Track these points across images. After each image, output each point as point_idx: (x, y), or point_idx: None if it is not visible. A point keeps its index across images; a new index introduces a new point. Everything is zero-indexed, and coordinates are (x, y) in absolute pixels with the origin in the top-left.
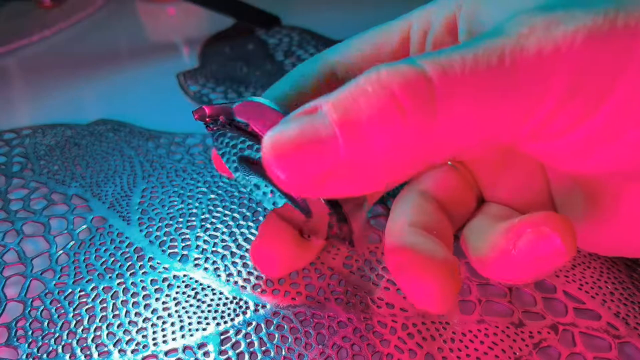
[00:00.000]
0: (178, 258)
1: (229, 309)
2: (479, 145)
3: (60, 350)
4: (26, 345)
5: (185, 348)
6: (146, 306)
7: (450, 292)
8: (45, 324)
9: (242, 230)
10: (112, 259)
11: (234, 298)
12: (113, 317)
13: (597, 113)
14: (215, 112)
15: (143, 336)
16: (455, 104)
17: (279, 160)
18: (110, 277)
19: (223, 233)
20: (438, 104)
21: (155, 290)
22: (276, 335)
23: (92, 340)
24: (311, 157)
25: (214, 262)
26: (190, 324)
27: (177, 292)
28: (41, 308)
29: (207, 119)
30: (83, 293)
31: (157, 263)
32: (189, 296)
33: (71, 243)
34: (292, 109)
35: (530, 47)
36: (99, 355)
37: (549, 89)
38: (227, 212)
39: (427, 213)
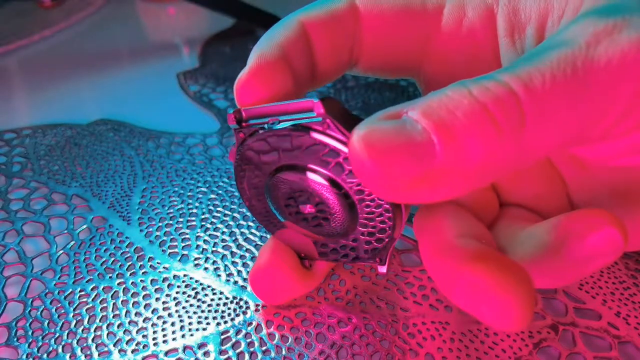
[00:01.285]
0: (178, 258)
1: (229, 308)
2: (559, 149)
3: (60, 350)
4: (26, 345)
5: (185, 348)
6: (146, 306)
7: (532, 306)
8: (46, 323)
9: (242, 230)
10: (112, 258)
11: (234, 298)
12: (113, 317)
13: None
14: (260, 112)
15: (143, 336)
16: (538, 114)
17: (374, 159)
18: (110, 277)
19: (223, 233)
20: (526, 117)
21: (156, 290)
22: (276, 335)
23: (93, 340)
24: (407, 158)
25: (214, 262)
26: (190, 323)
27: (177, 292)
28: (41, 308)
29: (244, 124)
30: (83, 293)
31: (157, 263)
32: (189, 296)
33: (71, 243)
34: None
35: (600, 57)
36: (99, 355)
37: (619, 93)
38: (227, 212)
39: (467, 221)
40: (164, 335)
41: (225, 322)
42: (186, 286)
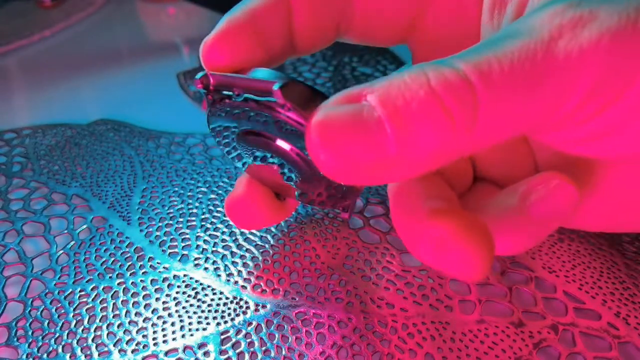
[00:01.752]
0: (178, 258)
1: (229, 308)
2: (512, 136)
3: (60, 350)
4: (26, 345)
5: (185, 348)
6: (146, 306)
7: (492, 258)
8: (46, 323)
9: (242, 230)
10: (112, 258)
11: (234, 298)
12: (113, 317)
13: (614, 106)
14: (227, 82)
15: (143, 336)
16: (492, 104)
17: (328, 146)
18: (110, 277)
19: (223, 233)
20: (480, 106)
21: (156, 290)
22: (276, 335)
23: (93, 340)
24: (360, 147)
25: (214, 262)
26: (190, 323)
27: (177, 292)
28: (41, 308)
29: (212, 88)
30: (83, 293)
31: (157, 263)
32: (189, 296)
33: (71, 243)
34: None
35: (560, 52)
36: (99, 355)
37: (575, 86)
38: None
39: (439, 186)
40: (164, 335)
41: (225, 322)
42: (186, 286)
